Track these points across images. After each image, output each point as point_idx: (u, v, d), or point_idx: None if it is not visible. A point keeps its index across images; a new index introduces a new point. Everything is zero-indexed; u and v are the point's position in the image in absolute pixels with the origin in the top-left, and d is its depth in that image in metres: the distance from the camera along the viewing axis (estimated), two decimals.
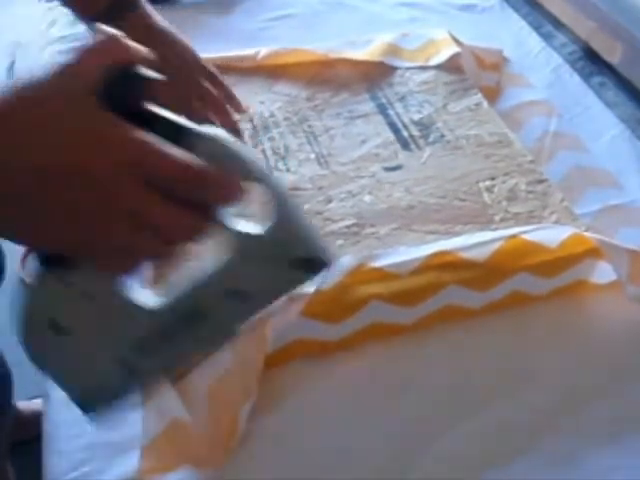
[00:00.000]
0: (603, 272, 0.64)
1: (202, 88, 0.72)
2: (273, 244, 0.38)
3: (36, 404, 1.14)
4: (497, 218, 0.66)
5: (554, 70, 0.94)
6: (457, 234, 0.64)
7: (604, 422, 0.57)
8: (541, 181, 0.70)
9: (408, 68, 0.86)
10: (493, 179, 0.70)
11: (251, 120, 0.79)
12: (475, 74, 0.86)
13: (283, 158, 0.74)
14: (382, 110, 0.81)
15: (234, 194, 0.35)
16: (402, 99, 0.82)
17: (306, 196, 0.70)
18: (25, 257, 0.38)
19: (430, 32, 0.91)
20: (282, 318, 0.56)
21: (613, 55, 0.93)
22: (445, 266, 0.61)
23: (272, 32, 1.01)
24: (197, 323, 0.41)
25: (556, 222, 0.65)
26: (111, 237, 0.35)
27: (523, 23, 1.03)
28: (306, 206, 0.68)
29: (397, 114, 0.80)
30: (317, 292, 0.57)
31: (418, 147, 0.75)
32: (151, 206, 0.35)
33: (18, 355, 0.41)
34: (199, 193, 0.35)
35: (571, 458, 0.55)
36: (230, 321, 0.42)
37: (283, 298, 0.56)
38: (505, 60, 0.92)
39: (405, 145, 0.76)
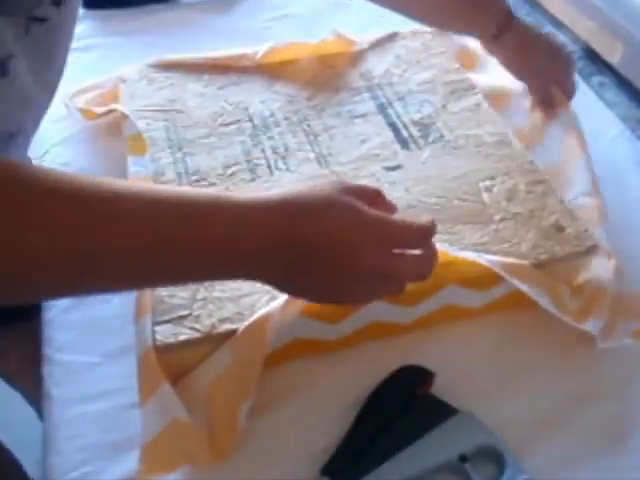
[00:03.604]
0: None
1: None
2: None
3: None
4: (497, 218, 0.66)
5: None
6: (457, 234, 0.64)
7: (604, 422, 0.57)
8: (540, 181, 0.70)
9: (409, 65, 0.86)
10: (492, 179, 0.70)
11: (251, 119, 0.79)
12: None
13: (283, 158, 0.74)
14: (382, 110, 0.81)
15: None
16: (402, 99, 0.82)
17: None
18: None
19: None
20: (282, 318, 0.56)
21: (613, 55, 0.93)
22: (445, 266, 0.61)
23: (272, 32, 1.01)
24: None
25: (555, 222, 0.65)
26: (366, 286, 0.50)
27: None
28: None
29: (397, 114, 0.80)
30: None
31: (418, 147, 0.75)
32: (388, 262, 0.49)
33: None
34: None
35: (571, 458, 0.55)
36: None
37: (283, 297, 0.57)
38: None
39: (405, 145, 0.76)
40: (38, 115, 0.63)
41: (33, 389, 0.63)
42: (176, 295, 0.60)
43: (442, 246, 0.61)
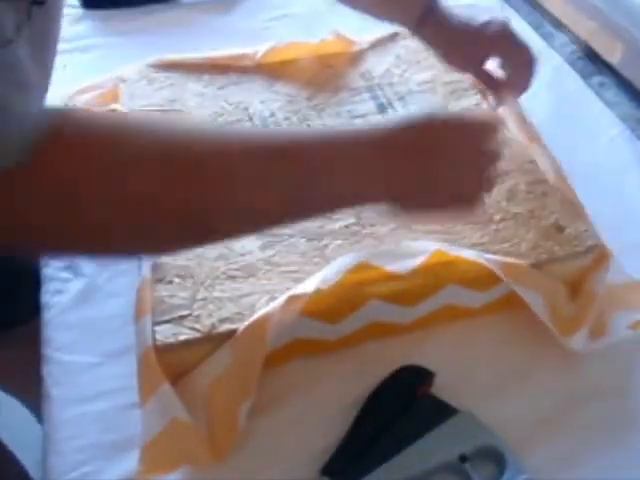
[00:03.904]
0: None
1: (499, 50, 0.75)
2: None
3: None
4: (497, 218, 0.66)
5: (554, 70, 0.94)
6: (457, 234, 0.64)
7: (604, 422, 0.57)
8: (540, 181, 0.70)
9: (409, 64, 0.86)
10: None
11: (251, 119, 0.79)
12: None
13: None
14: (382, 110, 0.81)
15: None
16: (402, 99, 0.82)
17: None
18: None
19: None
20: (282, 318, 0.56)
21: (613, 55, 0.93)
22: (445, 266, 0.61)
23: (272, 32, 1.01)
24: None
25: (555, 222, 0.65)
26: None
27: (523, 23, 1.03)
28: None
29: (397, 114, 0.80)
30: (317, 292, 0.57)
31: None
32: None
33: None
34: None
35: (571, 458, 0.55)
36: None
37: (283, 297, 0.57)
38: None
39: None
40: (38, 106, 0.63)
41: (32, 392, 0.63)
42: (176, 295, 0.60)
43: (442, 246, 0.61)
